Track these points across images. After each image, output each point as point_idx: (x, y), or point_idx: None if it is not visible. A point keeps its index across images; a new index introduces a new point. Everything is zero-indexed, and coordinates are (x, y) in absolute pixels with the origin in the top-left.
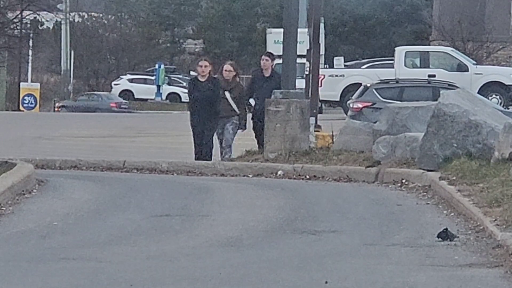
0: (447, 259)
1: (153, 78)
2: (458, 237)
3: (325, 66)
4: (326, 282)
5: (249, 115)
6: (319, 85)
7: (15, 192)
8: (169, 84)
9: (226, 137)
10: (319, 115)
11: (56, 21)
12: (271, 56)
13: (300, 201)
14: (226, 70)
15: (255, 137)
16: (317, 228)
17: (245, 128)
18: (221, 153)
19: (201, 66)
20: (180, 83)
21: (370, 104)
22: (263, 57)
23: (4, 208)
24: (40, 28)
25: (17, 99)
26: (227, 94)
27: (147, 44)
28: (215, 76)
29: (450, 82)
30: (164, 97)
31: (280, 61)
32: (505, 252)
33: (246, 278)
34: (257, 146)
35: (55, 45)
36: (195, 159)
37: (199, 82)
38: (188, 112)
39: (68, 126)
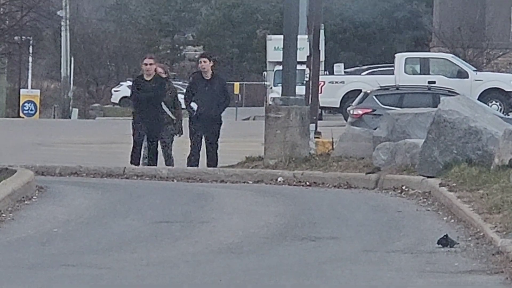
0: (447, 266)
1: None
2: (458, 243)
3: (325, 72)
4: None
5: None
6: (319, 91)
7: (15, 198)
8: None
9: (167, 153)
10: (319, 122)
11: (56, 27)
12: (209, 57)
13: (300, 208)
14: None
15: (191, 145)
16: (317, 234)
17: (182, 133)
18: (166, 163)
19: (146, 64)
20: (180, 89)
21: (370, 110)
22: (200, 59)
23: (4, 215)
24: (40, 34)
25: (17, 105)
26: None
27: (147, 51)
28: (164, 76)
29: (450, 88)
30: None
31: (281, 67)
32: (505, 259)
33: (246, 285)
34: (189, 153)
35: (55, 51)
36: (130, 163)
37: (143, 81)
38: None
39: (68, 132)
